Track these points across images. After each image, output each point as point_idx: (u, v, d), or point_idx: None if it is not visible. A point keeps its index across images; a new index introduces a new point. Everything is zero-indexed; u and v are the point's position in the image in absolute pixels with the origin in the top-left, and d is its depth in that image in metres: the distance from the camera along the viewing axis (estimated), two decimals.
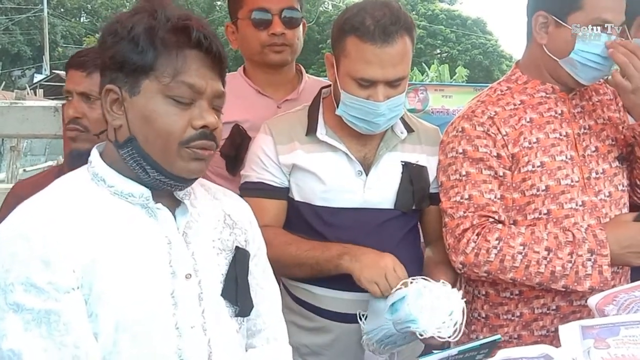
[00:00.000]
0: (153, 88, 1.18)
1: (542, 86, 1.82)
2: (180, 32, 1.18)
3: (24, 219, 1.13)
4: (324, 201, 1.81)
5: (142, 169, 1.20)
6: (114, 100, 1.20)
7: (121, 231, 1.18)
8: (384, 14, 1.65)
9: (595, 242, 1.67)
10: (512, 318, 1.83)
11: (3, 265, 1.08)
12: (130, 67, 1.17)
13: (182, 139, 1.19)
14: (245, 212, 1.46)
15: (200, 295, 1.25)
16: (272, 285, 1.49)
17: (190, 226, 1.28)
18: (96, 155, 1.26)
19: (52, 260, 1.09)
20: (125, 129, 1.20)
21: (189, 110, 1.19)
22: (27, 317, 1.06)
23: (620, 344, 1.23)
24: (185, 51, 1.18)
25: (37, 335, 1.07)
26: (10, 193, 1.81)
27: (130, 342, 1.15)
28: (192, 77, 1.18)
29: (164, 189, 1.24)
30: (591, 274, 1.67)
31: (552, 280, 1.69)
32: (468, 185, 1.75)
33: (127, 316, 1.15)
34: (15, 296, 1.06)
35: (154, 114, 1.18)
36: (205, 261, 1.28)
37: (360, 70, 1.67)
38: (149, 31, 1.16)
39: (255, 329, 1.43)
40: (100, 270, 1.13)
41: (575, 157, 1.77)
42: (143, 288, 1.17)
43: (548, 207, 1.74)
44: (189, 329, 1.22)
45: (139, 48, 1.16)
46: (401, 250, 1.82)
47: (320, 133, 1.82)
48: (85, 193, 1.21)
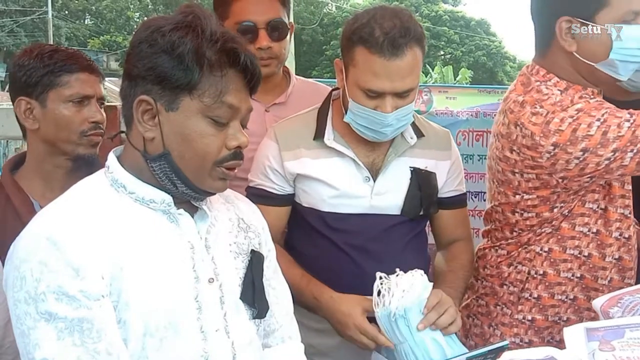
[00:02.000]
0: (193, 107, 1.17)
1: (584, 91, 1.69)
2: (227, 54, 1.18)
3: (50, 225, 1.12)
4: (331, 207, 1.81)
5: (171, 182, 1.21)
6: (146, 111, 1.19)
7: (145, 237, 1.19)
8: (394, 25, 1.63)
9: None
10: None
11: (32, 274, 1.08)
12: (171, 83, 1.16)
13: (217, 158, 1.20)
14: (257, 215, 1.48)
15: (221, 299, 1.27)
16: (283, 285, 1.51)
17: (209, 231, 1.30)
18: (114, 161, 1.25)
19: (82, 268, 1.09)
20: (158, 143, 1.20)
21: (224, 131, 1.20)
22: (60, 325, 1.07)
23: (625, 346, 1.23)
24: (229, 72, 1.19)
25: (70, 343, 1.07)
26: None
27: (158, 346, 1.16)
28: (233, 98, 1.19)
29: (187, 199, 1.26)
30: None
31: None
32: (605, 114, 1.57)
33: (154, 321, 1.16)
34: (47, 305, 1.07)
35: (193, 133, 1.18)
36: (224, 265, 1.29)
37: (368, 81, 1.66)
38: (196, 51, 1.15)
39: (270, 329, 1.44)
40: (127, 277, 1.14)
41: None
42: (169, 293, 1.18)
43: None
44: (214, 332, 1.24)
45: (184, 66, 1.15)
46: (407, 256, 1.83)
47: (328, 138, 1.81)
48: (106, 200, 1.21)
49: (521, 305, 1.82)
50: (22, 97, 1.66)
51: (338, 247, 1.81)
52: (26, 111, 1.67)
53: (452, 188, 1.93)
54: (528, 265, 1.80)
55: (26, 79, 1.64)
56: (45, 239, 1.09)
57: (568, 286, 1.77)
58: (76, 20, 35.02)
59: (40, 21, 31.07)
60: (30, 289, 1.07)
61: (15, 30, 30.96)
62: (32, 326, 1.07)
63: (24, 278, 1.08)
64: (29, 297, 1.07)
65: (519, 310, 1.82)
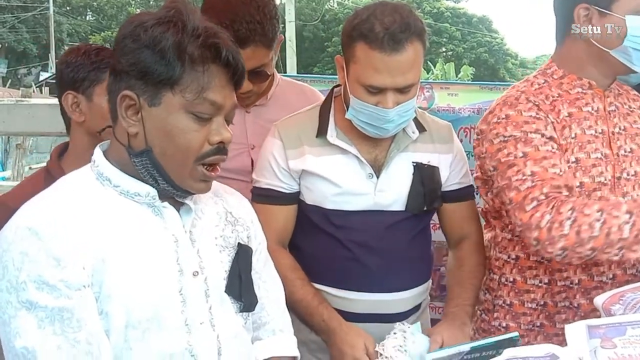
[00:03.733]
0: (175, 102, 1.17)
1: (579, 81, 1.75)
2: (209, 49, 1.17)
3: (33, 216, 1.13)
4: (335, 204, 1.80)
5: (152, 178, 1.21)
6: (129, 106, 1.19)
7: (129, 230, 1.19)
8: (393, 21, 1.62)
9: None
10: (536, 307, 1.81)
11: (14, 263, 1.08)
12: (153, 78, 1.16)
13: (199, 154, 1.20)
14: (247, 209, 1.47)
15: (206, 292, 1.27)
16: (274, 278, 1.51)
17: (194, 224, 1.30)
18: (100, 155, 1.26)
19: (63, 258, 1.09)
20: (141, 138, 1.19)
21: (207, 126, 1.20)
22: (41, 314, 1.07)
23: (627, 344, 1.23)
24: (211, 68, 1.18)
25: (51, 332, 1.07)
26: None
27: (140, 338, 1.16)
28: (215, 94, 1.19)
29: (169, 195, 1.26)
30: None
31: (634, 245, 1.52)
32: (529, 162, 1.64)
33: (136, 313, 1.16)
34: (27, 294, 1.07)
35: (175, 129, 1.18)
36: (209, 259, 1.29)
37: (369, 77, 1.65)
38: (177, 46, 1.15)
39: (261, 322, 1.45)
40: (109, 268, 1.14)
41: (610, 155, 1.72)
42: (152, 286, 1.18)
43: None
44: (198, 325, 1.24)
45: (165, 61, 1.15)
46: (411, 252, 1.83)
47: (331, 136, 1.80)
48: (91, 192, 1.21)
49: (496, 312, 1.86)
50: (70, 92, 1.72)
51: (342, 244, 1.80)
52: (73, 104, 1.72)
53: (456, 181, 1.91)
54: (498, 272, 1.86)
55: (74, 74, 1.71)
56: (27, 229, 1.10)
57: (537, 293, 1.80)
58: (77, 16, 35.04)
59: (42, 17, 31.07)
60: (11, 278, 1.08)
61: (17, 26, 30.97)
62: (13, 315, 1.07)
63: (5, 267, 1.08)
64: (11, 286, 1.07)
65: (494, 317, 1.87)
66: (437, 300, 3.01)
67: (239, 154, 2.06)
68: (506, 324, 1.84)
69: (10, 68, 29.99)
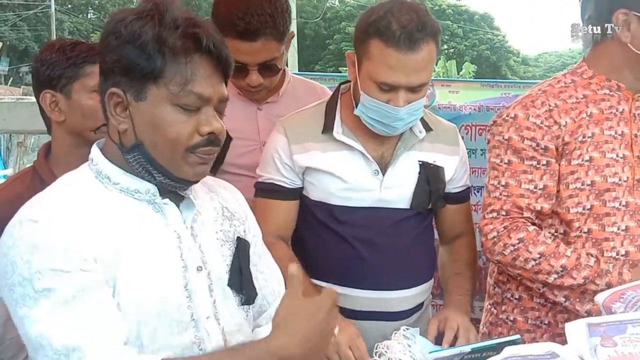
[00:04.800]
0: (160, 95, 1.17)
1: (607, 83, 1.78)
2: (190, 39, 1.16)
3: (37, 211, 1.13)
4: (340, 200, 1.80)
5: (148, 172, 1.21)
6: (117, 103, 1.19)
7: (132, 227, 1.19)
8: (410, 19, 1.62)
9: (617, 280, 1.66)
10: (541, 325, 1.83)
11: (22, 257, 1.08)
12: (137, 73, 1.16)
13: (188, 145, 1.19)
14: (241, 202, 1.48)
15: (210, 287, 1.28)
16: (272, 267, 1.51)
17: (195, 220, 1.30)
18: (98, 153, 1.26)
19: (72, 248, 1.09)
20: (130, 134, 1.19)
21: (196, 117, 1.19)
22: (59, 299, 1.07)
23: (627, 342, 1.23)
24: (194, 58, 1.17)
25: (67, 314, 1.07)
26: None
27: (151, 335, 1.17)
28: (201, 86, 1.18)
29: (168, 189, 1.25)
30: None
31: (556, 289, 1.72)
32: (507, 172, 1.76)
33: (146, 310, 1.16)
34: (43, 282, 1.07)
35: (162, 121, 1.17)
36: (211, 253, 1.30)
37: (383, 74, 1.65)
38: (157, 38, 1.14)
39: (261, 310, 1.46)
40: (120, 265, 1.15)
41: (629, 157, 1.74)
42: (159, 282, 1.19)
43: (592, 202, 1.71)
44: (205, 320, 1.25)
45: (146, 55, 1.14)
46: (416, 249, 1.84)
47: (337, 132, 1.80)
48: (91, 191, 1.21)
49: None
50: (47, 91, 1.66)
51: (345, 240, 1.80)
52: (51, 104, 1.67)
53: (460, 184, 1.93)
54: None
55: (50, 72, 1.65)
56: (33, 222, 1.10)
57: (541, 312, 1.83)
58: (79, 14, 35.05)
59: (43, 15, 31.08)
60: (23, 271, 1.08)
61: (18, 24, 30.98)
62: (32, 305, 1.07)
63: (14, 263, 1.08)
64: (23, 279, 1.07)
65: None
66: (438, 298, 3.00)
67: (251, 150, 2.06)
68: (514, 318, 1.85)
69: (12, 66, 29.98)
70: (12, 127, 3.43)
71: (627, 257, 1.70)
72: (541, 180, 1.73)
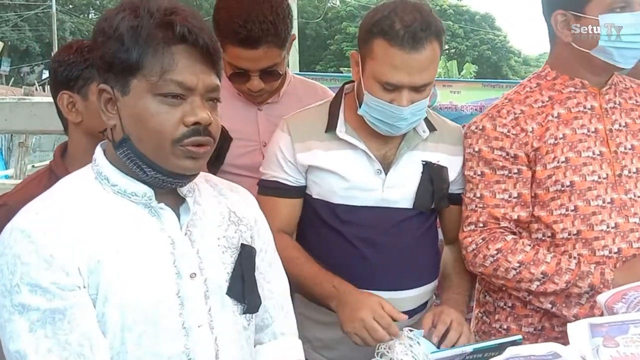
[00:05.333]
0: (142, 87, 1.16)
1: (571, 81, 1.79)
2: (165, 28, 1.15)
3: (28, 219, 1.12)
4: (342, 199, 1.80)
5: (139, 168, 1.20)
6: (107, 99, 1.19)
7: (125, 231, 1.18)
8: (414, 19, 1.62)
9: (599, 280, 1.66)
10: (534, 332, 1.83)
11: (8, 267, 1.08)
12: (118, 67, 1.15)
13: (174, 137, 1.16)
14: (252, 207, 1.45)
15: (206, 294, 1.25)
16: (280, 279, 1.48)
17: (194, 224, 1.28)
18: (100, 154, 1.25)
19: (56, 259, 1.09)
20: (119, 129, 1.19)
21: (180, 107, 1.17)
22: (33, 317, 1.07)
23: (629, 342, 1.22)
24: (172, 47, 1.15)
25: (42, 335, 1.07)
26: (1, 207, 1.63)
27: (137, 342, 1.15)
28: (182, 74, 1.16)
29: (165, 186, 1.23)
30: (583, 304, 1.69)
31: (541, 296, 1.73)
32: (481, 184, 1.78)
33: (132, 316, 1.15)
34: (20, 297, 1.07)
35: (145, 113, 1.16)
36: (210, 259, 1.27)
37: (387, 74, 1.65)
38: (132, 29, 1.13)
39: (263, 324, 1.43)
40: (105, 270, 1.13)
41: (606, 153, 1.74)
42: (148, 288, 1.17)
43: (575, 203, 1.71)
44: (196, 328, 1.22)
45: (124, 47, 1.14)
46: (419, 249, 1.83)
47: (340, 131, 1.80)
48: (89, 192, 1.20)
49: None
50: (65, 91, 1.67)
51: (347, 240, 1.80)
52: (69, 104, 1.68)
53: (463, 185, 1.91)
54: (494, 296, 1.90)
55: (67, 73, 1.66)
56: (20, 232, 1.09)
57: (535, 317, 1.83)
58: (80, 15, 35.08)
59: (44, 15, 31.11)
60: (6, 282, 1.07)
61: (20, 24, 31.02)
62: (7, 319, 1.07)
63: (0, 271, 1.08)
64: (5, 290, 1.07)
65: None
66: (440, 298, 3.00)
67: (251, 151, 2.06)
68: (507, 326, 1.85)
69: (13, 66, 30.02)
70: (13, 127, 3.44)
71: (619, 254, 1.69)
72: (515, 189, 1.75)
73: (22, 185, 1.75)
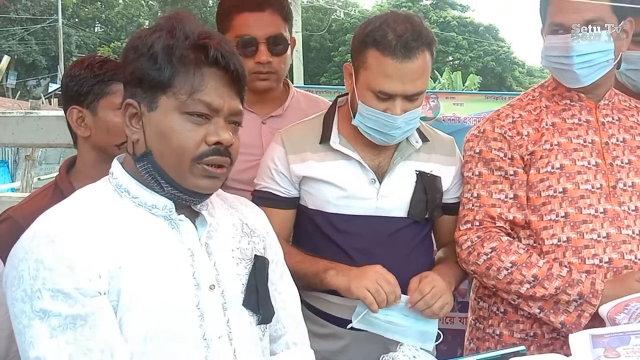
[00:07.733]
0: (170, 105, 1.19)
1: (568, 93, 1.84)
2: (199, 50, 1.19)
3: (49, 225, 1.14)
4: (337, 208, 1.82)
5: (157, 183, 1.23)
6: (132, 114, 1.23)
7: (146, 241, 1.20)
8: (406, 29, 1.66)
9: (589, 290, 1.66)
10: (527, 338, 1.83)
11: (29, 272, 1.09)
12: (149, 83, 1.19)
13: (195, 154, 1.20)
14: (262, 219, 1.48)
15: (224, 306, 1.27)
16: (291, 289, 1.51)
17: (210, 236, 1.30)
18: (118, 167, 1.28)
19: (78, 265, 1.10)
20: (142, 143, 1.22)
21: (205, 127, 1.21)
22: (54, 323, 1.08)
23: (630, 353, 1.23)
24: (203, 69, 1.20)
25: (63, 341, 1.08)
26: (5, 220, 1.64)
27: (159, 351, 1.17)
28: (210, 95, 1.20)
29: (180, 203, 1.26)
30: (570, 312, 1.69)
31: (530, 300, 1.74)
32: (478, 184, 1.82)
33: (155, 326, 1.16)
34: (42, 303, 1.08)
35: (170, 130, 1.20)
36: (226, 271, 1.30)
37: (380, 83, 1.68)
38: (167, 49, 1.18)
39: (276, 335, 1.45)
40: (126, 277, 1.15)
41: (602, 164, 1.76)
42: (169, 299, 1.19)
43: (566, 210, 1.73)
44: (217, 339, 1.24)
45: (157, 65, 1.18)
46: (413, 259, 1.85)
47: (334, 142, 1.83)
48: (109, 204, 1.22)
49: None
50: (74, 106, 1.70)
51: (343, 250, 1.82)
52: (78, 119, 1.71)
53: (457, 194, 1.95)
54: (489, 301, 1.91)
55: (78, 88, 1.69)
56: (44, 237, 1.11)
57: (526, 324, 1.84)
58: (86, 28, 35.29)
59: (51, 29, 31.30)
60: (26, 287, 1.08)
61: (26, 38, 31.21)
62: (27, 324, 1.07)
63: (21, 277, 1.09)
64: (25, 295, 1.08)
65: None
66: None
67: (254, 165, 2.07)
68: (500, 332, 1.87)
69: (20, 80, 30.18)
70: (20, 141, 3.46)
71: (610, 264, 1.70)
72: (511, 190, 1.79)
73: (27, 199, 1.76)
